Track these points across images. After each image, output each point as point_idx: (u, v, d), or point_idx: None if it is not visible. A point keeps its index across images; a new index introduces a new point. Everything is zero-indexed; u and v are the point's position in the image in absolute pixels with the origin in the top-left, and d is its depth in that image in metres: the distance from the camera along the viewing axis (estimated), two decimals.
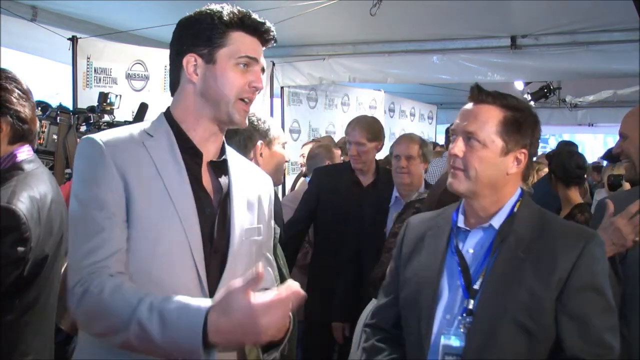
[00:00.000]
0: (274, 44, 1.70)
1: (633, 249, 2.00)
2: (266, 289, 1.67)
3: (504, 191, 1.75)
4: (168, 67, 1.79)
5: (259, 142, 2.56)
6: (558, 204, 3.83)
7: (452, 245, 1.78)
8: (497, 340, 1.64)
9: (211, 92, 1.63)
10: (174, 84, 1.71)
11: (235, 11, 1.63)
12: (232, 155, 1.77)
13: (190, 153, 1.64)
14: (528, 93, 8.04)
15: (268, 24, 1.66)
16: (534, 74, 6.05)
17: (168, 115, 1.70)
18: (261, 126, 2.58)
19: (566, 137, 15.63)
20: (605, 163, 7.34)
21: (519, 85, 7.89)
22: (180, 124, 1.66)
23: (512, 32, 5.22)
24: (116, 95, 3.29)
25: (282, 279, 2.63)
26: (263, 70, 1.68)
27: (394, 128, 8.96)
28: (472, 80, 5.70)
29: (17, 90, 2.02)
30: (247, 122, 1.69)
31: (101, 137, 1.58)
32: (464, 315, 1.69)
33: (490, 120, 1.71)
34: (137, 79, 4.78)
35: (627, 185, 4.44)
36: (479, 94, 1.74)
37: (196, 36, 1.63)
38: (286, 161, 2.72)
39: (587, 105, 9.58)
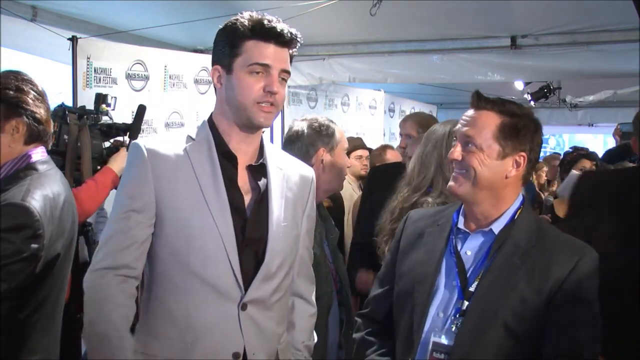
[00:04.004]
0: (300, 43, 1.79)
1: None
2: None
3: (503, 195, 1.78)
4: (168, 67, 1.88)
5: (321, 149, 2.54)
6: None
7: (451, 245, 1.81)
8: (485, 342, 1.67)
9: (231, 100, 1.77)
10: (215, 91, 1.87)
11: (247, 21, 1.73)
12: (274, 155, 1.90)
13: (226, 156, 1.80)
14: (528, 93, 8.05)
15: (280, 26, 1.74)
16: (534, 74, 6.05)
17: (210, 120, 1.85)
18: (324, 132, 2.56)
19: (566, 137, 15.60)
20: None
21: (519, 85, 7.89)
22: (218, 129, 1.83)
23: (512, 32, 5.22)
24: (111, 97, 3.28)
25: (342, 284, 2.66)
26: (286, 72, 1.77)
27: (394, 128, 8.95)
28: (472, 80, 5.73)
29: (32, 92, 2.07)
30: (271, 122, 1.81)
31: (146, 144, 1.78)
32: (457, 315, 1.72)
33: (487, 126, 1.74)
34: (137, 79, 4.77)
35: None
36: (479, 100, 1.79)
37: (220, 49, 1.78)
38: (348, 167, 2.67)
39: (587, 105, 9.57)
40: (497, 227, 1.77)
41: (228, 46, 1.75)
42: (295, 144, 2.60)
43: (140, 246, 1.74)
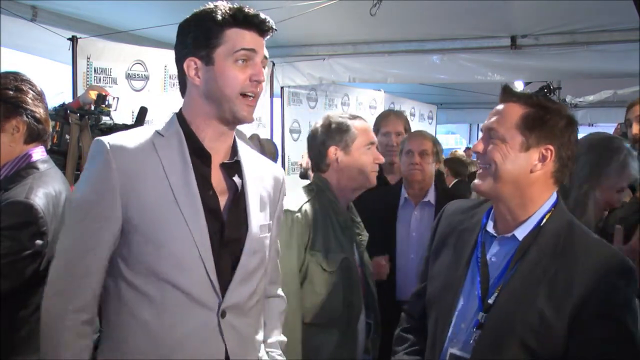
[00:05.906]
0: (274, 32, 1.71)
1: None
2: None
3: (530, 193, 1.67)
4: (168, 67, 1.82)
5: (332, 147, 2.43)
6: None
7: (477, 250, 1.74)
8: (502, 358, 1.59)
9: (213, 93, 1.65)
10: (182, 86, 1.74)
11: (227, 9, 1.64)
12: (245, 154, 1.80)
13: (199, 154, 1.67)
14: None
15: (262, 15, 1.67)
16: (534, 74, 6.05)
17: (180, 115, 1.72)
18: (334, 129, 2.44)
19: None
20: None
21: (519, 85, 7.87)
22: (190, 125, 1.69)
23: (512, 32, 5.22)
24: (113, 97, 3.28)
25: (369, 288, 2.57)
26: (266, 58, 1.69)
27: None
28: (472, 80, 5.73)
29: (31, 92, 2.11)
30: (253, 117, 1.70)
31: (110, 139, 1.61)
32: (475, 328, 1.66)
33: (510, 117, 1.67)
34: (137, 79, 4.77)
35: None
36: (504, 94, 1.74)
37: (193, 40, 1.65)
38: (377, 163, 2.50)
39: (587, 105, 9.57)
40: (521, 233, 1.67)
41: (203, 36, 1.63)
42: (311, 144, 2.52)
43: (98, 272, 1.60)
